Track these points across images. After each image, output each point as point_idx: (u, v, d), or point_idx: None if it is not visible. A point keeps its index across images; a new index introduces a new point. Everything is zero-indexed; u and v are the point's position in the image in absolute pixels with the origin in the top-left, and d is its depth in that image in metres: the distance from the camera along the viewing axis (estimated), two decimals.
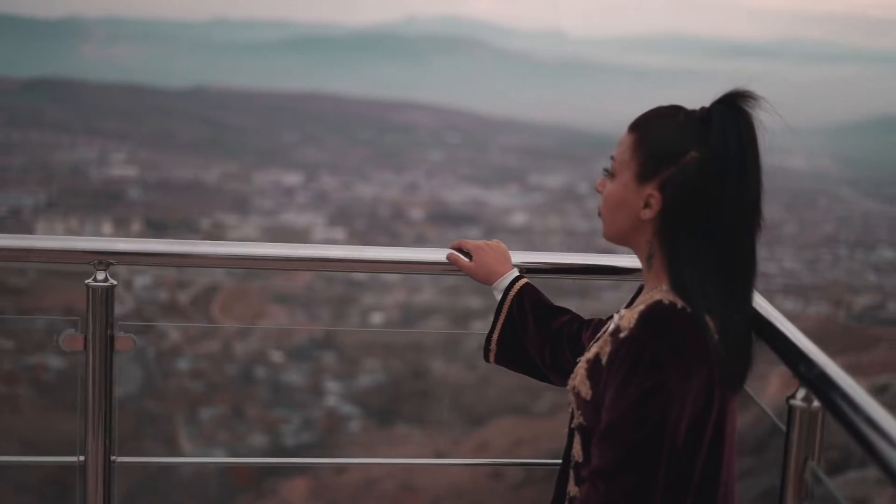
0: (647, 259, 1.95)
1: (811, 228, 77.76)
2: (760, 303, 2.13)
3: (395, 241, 48.82)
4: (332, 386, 30.14)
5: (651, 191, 1.90)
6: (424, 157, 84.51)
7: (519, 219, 67.63)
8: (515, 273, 2.48)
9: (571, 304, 2.50)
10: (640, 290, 2.10)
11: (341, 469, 21.92)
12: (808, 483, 2.01)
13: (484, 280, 2.49)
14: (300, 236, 47.77)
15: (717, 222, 1.87)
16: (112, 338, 2.53)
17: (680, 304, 1.86)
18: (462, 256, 2.54)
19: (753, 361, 1.93)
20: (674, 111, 1.95)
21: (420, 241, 49.21)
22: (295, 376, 30.03)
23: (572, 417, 2.02)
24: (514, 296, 2.42)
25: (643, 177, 1.91)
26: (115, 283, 2.52)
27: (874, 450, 1.64)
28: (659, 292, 1.90)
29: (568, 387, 2.03)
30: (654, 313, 1.86)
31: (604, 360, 1.89)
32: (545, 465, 2.79)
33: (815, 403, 1.99)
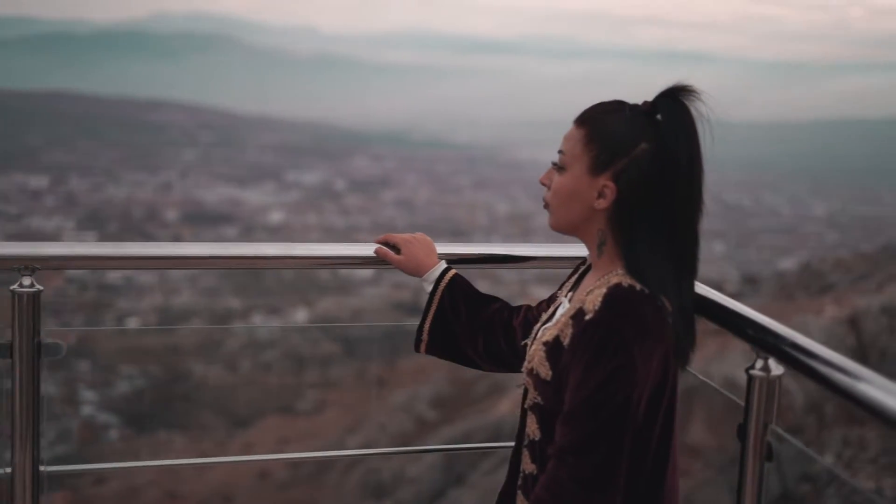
0: (599, 246, 2.06)
1: None
2: (701, 285, 2.29)
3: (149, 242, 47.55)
4: (87, 395, 29.17)
5: (605, 182, 2.00)
6: (178, 157, 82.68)
7: (276, 217, 67.09)
8: (444, 265, 2.55)
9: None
10: (580, 276, 2.23)
11: (101, 479, 21.20)
12: (772, 445, 2.17)
13: (413, 272, 2.56)
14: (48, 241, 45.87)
15: (668, 209, 2.00)
16: (39, 344, 2.46)
17: (638, 286, 1.96)
18: (390, 250, 2.60)
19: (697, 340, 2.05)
20: (619, 106, 2.06)
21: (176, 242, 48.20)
22: (46, 386, 28.93)
23: (525, 398, 2.11)
24: (445, 287, 2.50)
25: (596, 169, 2.01)
26: (41, 288, 2.45)
27: (843, 389, 1.90)
28: (616, 276, 2.00)
29: (523, 369, 2.12)
30: (617, 296, 1.95)
31: (565, 342, 1.98)
32: (499, 447, 2.88)
33: (773, 372, 2.18)
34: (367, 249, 2.65)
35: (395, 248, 2.60)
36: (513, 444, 2.24)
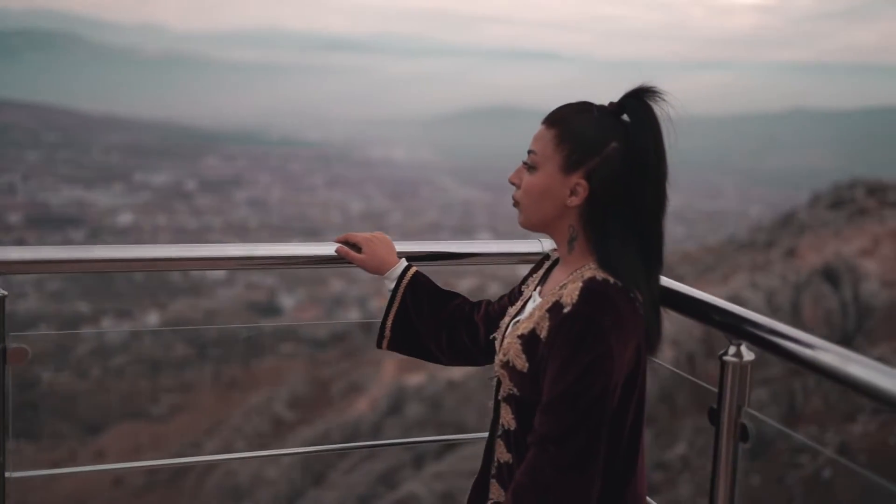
0: (569, 242, 2.14)
1: (415, 217, 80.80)
2: (666, 279, 2.37)
3: None
4: None
5: (577, 180, 2.08)
6: (21, 159, 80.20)
7: (125, 218, 65.72)
8: (405, 262, 2.60)
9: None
10: (547, 270, 2.30)
11: None
12: (748, 427, 2.28)
13: (375, 270, 2.59)
14: None
15: (637, 205, 2.08)
16: (4, 350, 2.41)
17: (612, 280, 2.04)
18: (350, 250, 2.62)
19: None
20: (587, 107, 2.13)
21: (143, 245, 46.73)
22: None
23: (498, 390, 2.18)
24: (408, 284, 2.54)
25: (569, 168, 2.08)
26: (5, 293, 2.40)
27: (816, 366, 2.05)
28: (589, 270, 2.08)
29: (497, 362, 2.18)
30: (593, 289, 2.02)
31: (542, 334, 2.05)
32: (472, 439, 2.92)
33: (745, 357, 2.29)
34: (329, 249, 2.66)
35: (356, 247, 2.63)
36: (479, 434, 2.36)
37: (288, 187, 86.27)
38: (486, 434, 2.31)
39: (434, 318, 2.51)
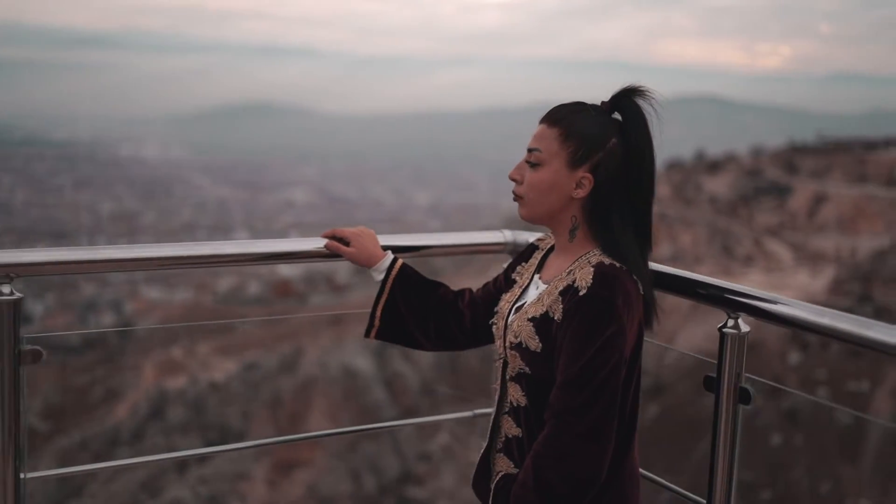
0: (571, 231, 2.32)
1: (169, 216, 79.04)
2: (657, 264, 2.58)
3: None
4: None
5: (583, 174, 2.26)
6: None
7: None
8: (391, 255, 2.75)
9: None
10: (543, 258, 2.48)
11: None
12: (749, 390, 2.53)
13: (365, 263, 2.74)
14: None
15: (634, 195, 2.28)
16: (20, 352, 2.45)
17: (617, 264, 2.22)
18: (340, 244, 2.77)
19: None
20: (583, 106, 2.32)
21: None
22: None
23: (505, 370, 2.36)
24: (396, 276, 2.69)
25: (574, 163, 2.26)
26: (20, 295, 2.45)
27: (811, 325, 2.37)
28: (595, 256, 2.27)
29: (507, 344, 2.34)
30: (605, 273, 2.19)
31: (555, 316, 2.22)
32: (466, 417, 3.14)
33: (743, 329, 2.54)
34: (318, 244, 2.79)
35: (344, 242, 2.77)
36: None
37: (32, 189, 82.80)
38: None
39: (421, 306, 2.67)
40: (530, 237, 2.89)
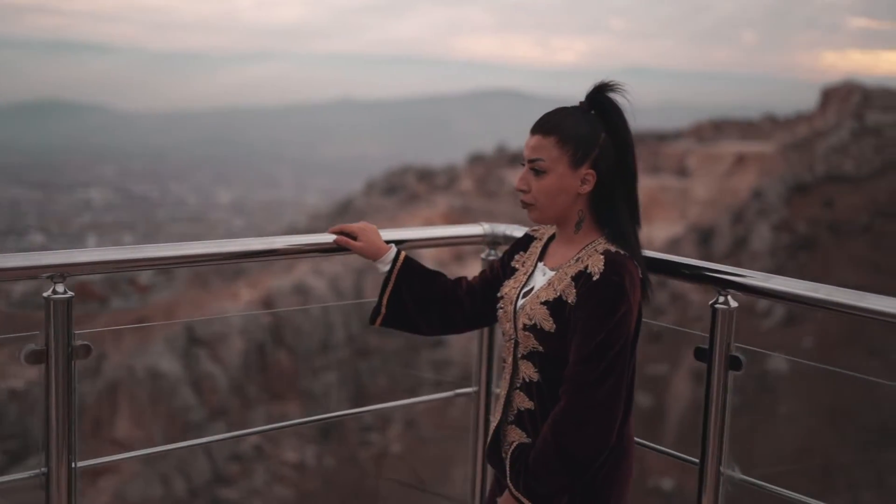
0: (577, 224, 2.57)
1: None
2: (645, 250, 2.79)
3: None
4: None
5: (586, 171, 2.51)
6: None
7: None
8: (395, 248, 2.97)
9: None
10: (543, 248, 2.71)
11: None
12: (739, 357, 2.80)
13: (372, 256, 2.96)
14: None
15: (627, 184, 2.55)
16: (73, 348, 2.59)
17: (622, 251, 2.49)
18: (349, 238, 2.99)
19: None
20: (566, 111, 2.56)
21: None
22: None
23: (516, 350, 2.60)
24: (401, 267, 2.91)
25: (576, 163, 2.50)
26: (72, 294, 2.59)
27: (794, 296, 2.72)
28: (601, 244, 2.53)
29: (520, 326, 2.57)
30: (615, 260, 2.46)
31: (569, 299, 2.48)
32: (465, 393, 3.51)
33: (732, 304, 2.81)
34: (328, 239, 3.00)
35: (351, 237, 2.99)
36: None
37: None
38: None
39: (424, 295, 2.90)
40: (506, 229, 3.34)
